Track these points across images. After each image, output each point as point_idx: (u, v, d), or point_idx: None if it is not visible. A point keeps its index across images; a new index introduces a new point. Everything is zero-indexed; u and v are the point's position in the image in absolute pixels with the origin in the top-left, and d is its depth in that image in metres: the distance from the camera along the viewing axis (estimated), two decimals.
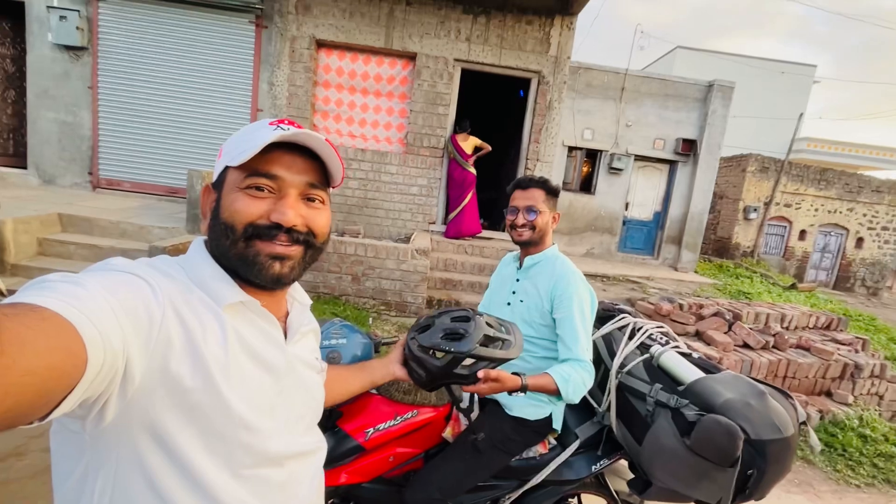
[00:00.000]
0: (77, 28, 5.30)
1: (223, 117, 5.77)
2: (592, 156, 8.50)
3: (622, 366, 1.52)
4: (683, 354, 1.44)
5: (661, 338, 1.56)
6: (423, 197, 5.96)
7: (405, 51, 5.63)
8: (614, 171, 8.38)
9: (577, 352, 1.37)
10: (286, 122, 0.63)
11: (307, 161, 0.63)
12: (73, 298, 0.43)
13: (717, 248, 11.72)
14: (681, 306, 4.26)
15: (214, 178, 0.65)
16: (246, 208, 0.59)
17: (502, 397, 1.49)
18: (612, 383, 1.51)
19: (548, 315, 1.47)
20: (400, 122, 5.94)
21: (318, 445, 0.75)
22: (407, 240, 5.42)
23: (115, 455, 0.52)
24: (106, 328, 0.44)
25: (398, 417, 1.40)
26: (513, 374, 1.22)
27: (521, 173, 6.11)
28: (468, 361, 1.06)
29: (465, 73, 5.85)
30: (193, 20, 5.53)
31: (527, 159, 5.98)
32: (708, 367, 1.40)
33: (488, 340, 1.07)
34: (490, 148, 5.78)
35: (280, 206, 0.60)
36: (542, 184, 1.50)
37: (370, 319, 4.24)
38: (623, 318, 1.70)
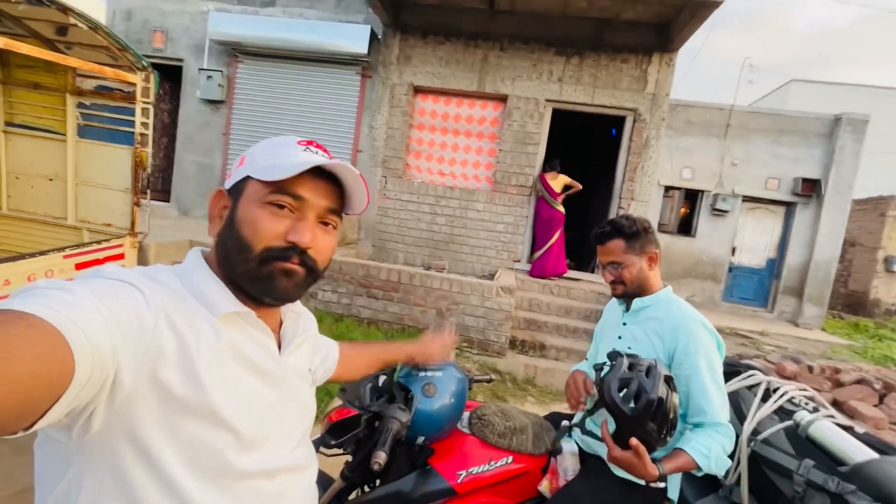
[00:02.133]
0: (219, 85, 6.27)
1: None
2: (692, 196, 7.89)
3: (755, 432, 1.29)
4: (843, 427, 1.18)
5: (806, 403, 1.31)
6: (508, 234, 5.92)
7: (497, 93, 5.80)
8: (718, 212, 7.67)
9: (712, 414, 1.19)
10: (314, 144, 0.64)
11: (330, 186, 0.63)
12: (61, 305, 0.42)
13: (850, 303, 10.03)
14: (810, 368, 3.64)
15: (229, 184, 0.64)
16: (267, 226, 0.59)
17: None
18: (743, 452, 1.29)
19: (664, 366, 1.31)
20: (489, 160, 6.05)
21: (311, 461, 0.73)
22: (491, 277, 5.37)
23: (100, 466, 0.50)
24: (95, 335, 0.43)
25: (492, 462, 1.30)
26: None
27: (613, 213, 5.84)
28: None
29: (556, 112, 5.85)
30: (311, 74, 6.25)
31: (620, 198, 5.71)
32: (881, 446, 1.13)
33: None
34: (580, 186, 5.63)
35: (299, 227, 0.60)
36: (619, 231, 1.35)
37: (452, 356, 4.19)
38: (752, 374, 1.47)
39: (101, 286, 0.49)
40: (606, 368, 1.13)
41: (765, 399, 1.37)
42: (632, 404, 1.03)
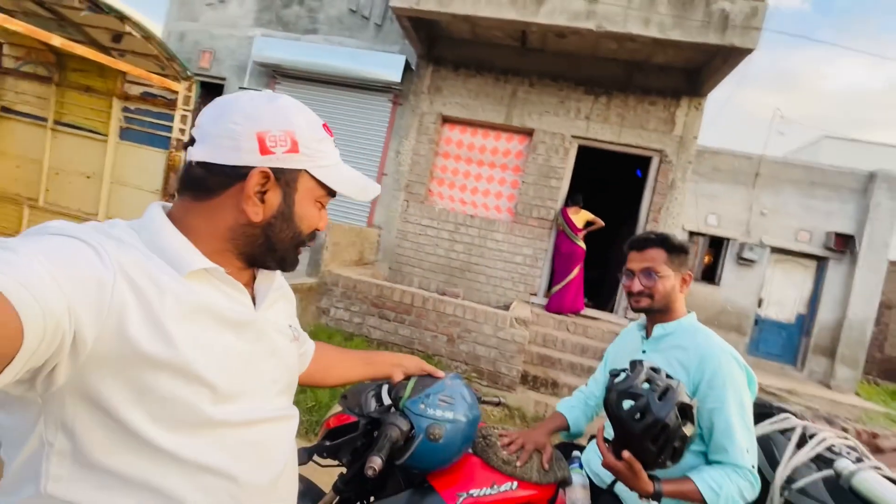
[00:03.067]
0: None
1: None
2: (717, 244, 7.70)
3: (790, 480, 1.17)
4: (891, 480, 1.05)
5: (848, 452, 1.18)
6: (527, 266, 5.84)
7: (523, 127, 5.89)
8: (745, 262, 7.45)
9: (734, 455, 1.09)
10: (327, 129, 0.69)
11: None
12: (4, 265, 0.40)
13: (886, 369, 9.44)
14: (844, 430, 3.37)
15: (274, 163, 0.60)
16: (318, 221, 0.69)
17: (625, 491, 1.22)
18: (776, 501, 1.16)
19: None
20: (511, 192, 6.07)
21: (293, 412, 0.73)
22: (506, 308, 5.27)
23: (70, 418, 0.49)
24: (43, 294, 0.41)
25: (495, 486, 1.21)
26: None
27: None
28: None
29: (582, 149, 5.88)
30: (344, 98, 6.49)
31: None
32: None
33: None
34: (602, 223, 5.56)
35: (325, 217, 0.71)
36: (663, 241, 1.28)
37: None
38: (786, 417, 1.35)
39: (47, 243, 0.47)
40: (622, 376, 1.06)
41: (800, 445, 1.24)
42: (636, 419, 0.98)
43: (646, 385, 1.01)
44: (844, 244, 7.11)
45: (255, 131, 0.59)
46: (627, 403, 1.01)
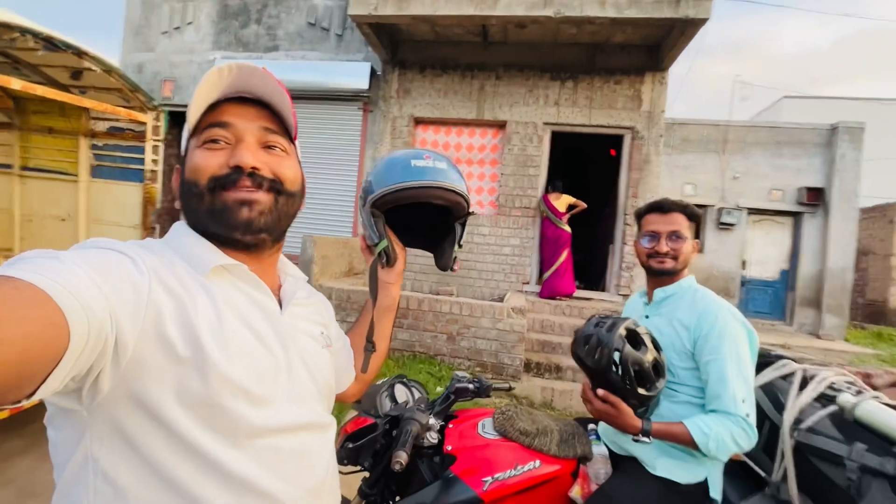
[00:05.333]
0: None
1: (334, 189, 6.45)
2: None
3: (797, 421, 1.22)
4: (893, 407, 1.11)
5: (847, 387, 1.24)
6: (515, 257, 5.89)
7: (495, 120, 5.93)
8: (724, 226, 7.64)
9: (727, 402, 1.14)
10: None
11: (260, 110, 0.63)
12: (48, 271, 0.42)
13: (870, 313, 9.78)
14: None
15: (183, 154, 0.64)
16: (205, 161, 0.59)
17: (643, 454, 1.25)
18: (787, 444, 1.21)
19: (689, 356, 1.26)
20: (491, 185, 6.11)
21: (330, 420, 0.70)
22: (501, 300, 5.30)
23: (114, 430, 0.49)
24: (87, 298, 0.42)
25: (519, 467, 1.23)
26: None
27: (618, 230, 5.83)
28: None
29: (555, 134, 5.95)
30: (314, 111, 6.44)
31: (625, 214, 5.71)
32: None
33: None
34: (585, 205, 5.65)
35: (237, 150, 0.60)
36: (684, 208, 1.34)
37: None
38: (785, 363, 1.40)
39: (89, 254, 0.49)
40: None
41: (802, 388, 1.29)
42: (595, 358, 1.13)
43: (595, 326, 1.17)
44: (816, 197, 7.35)
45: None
46: (584, 346, 1.16)
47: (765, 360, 1.44)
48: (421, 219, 0.91)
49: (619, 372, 1.13)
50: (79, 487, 0.50)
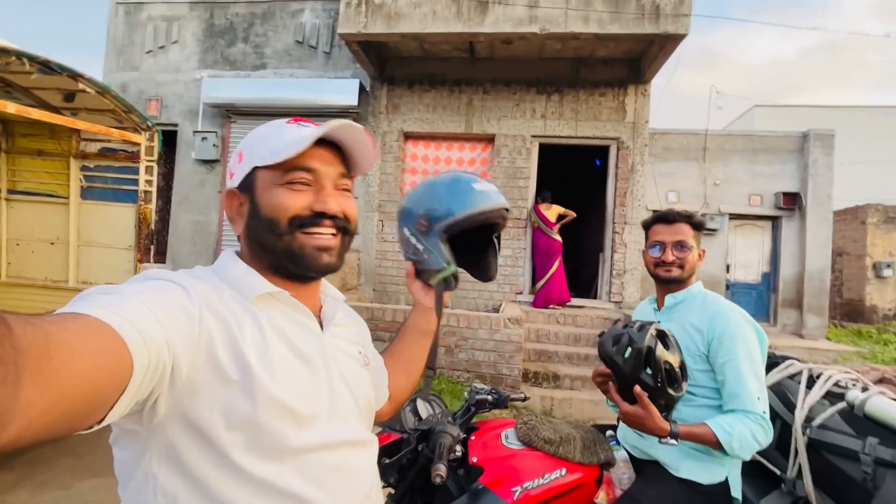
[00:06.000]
0: (213, 146, 6.42)
1: None
2: None
3: (808, 419, 1.27)
4: None
5: (853, 384, 1.30)
6: (508, 267, 5.95)
7: (484, 133, 6.04)
8: (708, 231, 7.84)
9: (746, 401, 1.18)
10: (303, 119, 0.68)
11: (334, 153, 0.67)
12: (110, 305, 0.45)
13: (848, 311, 10.12)
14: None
15: (237, 181, 0.66)
16: (290, 202, 0.62)
17: (666, 456, 1.29)
18: (800, 442, 1.26)
19: (703, 359, 1.31)
20: None
21: (371, 438, 0.72)
22: (496, 311, 5.34)
23: (169, 450, 0.53)
24: (146, 328, 0.45)
25: (546, 475, 1.25)
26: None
27: (608, 239, 5.95)
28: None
29: (543, 146, 6.07)
30: None
31: (614, 223, 5.84)
32: None
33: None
34: (574, 214, 5.76)
35: (322, 196, 0.64)
36: (689, 218, 1.40)
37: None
38: (791, 363, 1.47)
39: (145, 286, 0.52)
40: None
41: (809, 386, 1.35)
42: (625, 355, 1.13)
43: (624, 327, 1.18)
44: (792, 202, 7.62)
45: (229, 168, 0.71)
46: (614, 346, 1.16)
47: (771, 362, 1.50)
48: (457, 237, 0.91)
49: (651, 371, 1.13)
50: (141, 502, 0.54)
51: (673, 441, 1.15)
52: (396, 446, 1.32)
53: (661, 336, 1.16)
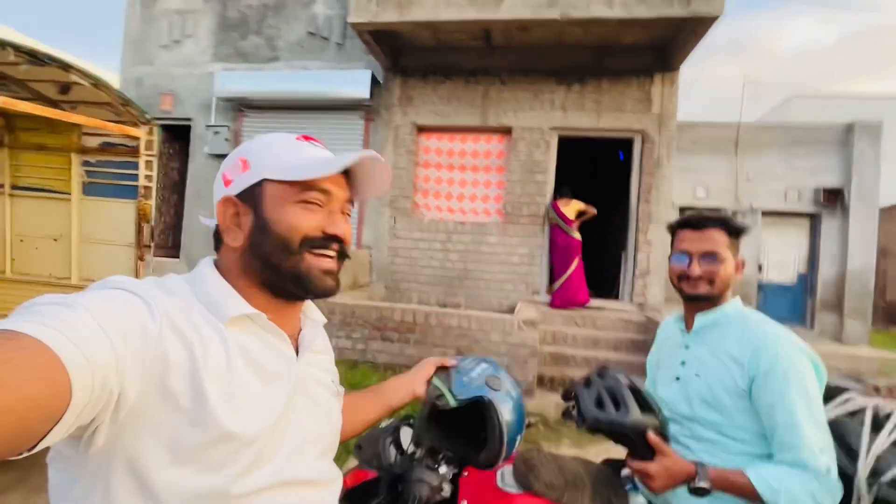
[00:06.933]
0: (226, 139, 6.37)
1: None
2: None
3: (875, 472, 1.03)
4: None
5: None
6: (525, 266, 5.71)
7: (500, 125, 5.79)
8: None
9: (804, 454, 0.95)
10: (311, 139, 0.67)
11: (345, 177, 0.66)
12: (58, 322, 0.41)
13: (890, 315, 9.48)
14: (877, 389, 3.26)
15: (237, 189, 0.63)
16: (304, 221, 0.61)
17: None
18: (864, 499, 1.02)
19: (743, 395, 1.08)
20: (497, 193, 5.96)
21: (335, 475, 0.70)
22: (511, 311, 5.12)
23: (99, 483, 0.49)
24: (93, 350, 0.42)
25: None
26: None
27: (631, 237, 5.63)
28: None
29: (563, 140, 5.79)
30: (315, 121, 6.34)
31: (637, 220, 5.52)
32: None
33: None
34: (595, 211, 5.46)
35: (334, 219, 0.64)
36: (723, 223, 1.16)
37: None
38: (850, 398, 1.22)
39: (103, 297, 0.49)
40: (573, 409, 1.05)
41: (875, 429, 1.10)
42: (613, 409, 0.97)
43: (584, 386, 1.03)
44: (833, 198, 7.11)
45: (221, 173, 0.65)
46: (596, 409, 0.98)
47: (824, 393, 1.25)
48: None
49: (644, 408, 0.98)
50: None
51: (704, 484, 0.94)
52: (373, 486, 1.14)
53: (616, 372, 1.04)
